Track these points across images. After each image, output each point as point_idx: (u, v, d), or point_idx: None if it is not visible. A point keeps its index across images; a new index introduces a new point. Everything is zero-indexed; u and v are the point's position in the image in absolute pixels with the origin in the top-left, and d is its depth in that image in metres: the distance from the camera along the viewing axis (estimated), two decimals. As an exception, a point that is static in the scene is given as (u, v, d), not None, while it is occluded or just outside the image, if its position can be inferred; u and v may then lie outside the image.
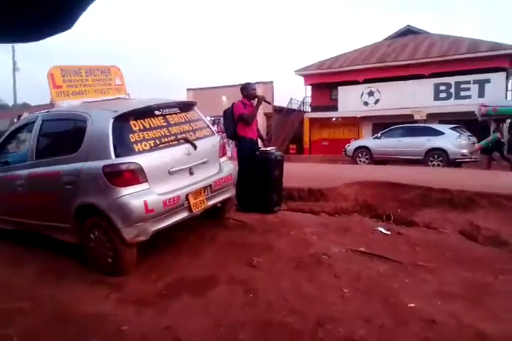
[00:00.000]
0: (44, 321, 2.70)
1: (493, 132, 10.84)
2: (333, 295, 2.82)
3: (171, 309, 2.78)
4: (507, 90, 18.27)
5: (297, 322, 2.51)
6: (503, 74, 17.56)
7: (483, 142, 11.08)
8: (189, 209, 3.63)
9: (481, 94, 17.43)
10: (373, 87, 19.97)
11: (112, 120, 3.36)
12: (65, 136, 3.98)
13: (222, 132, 5.31)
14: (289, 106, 23.08)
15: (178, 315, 2.68)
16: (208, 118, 16.24)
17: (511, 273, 3.11)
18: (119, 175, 3.25)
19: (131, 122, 3.45)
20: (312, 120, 22.25)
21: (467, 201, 5.04)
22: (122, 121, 3.41)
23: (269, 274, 3.18)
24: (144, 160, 3.34)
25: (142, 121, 3.52)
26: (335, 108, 21.11)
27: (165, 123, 3.72)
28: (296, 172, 7.13)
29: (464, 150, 11.39)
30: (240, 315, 2.63)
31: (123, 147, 3.34)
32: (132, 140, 3.38)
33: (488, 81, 17.39)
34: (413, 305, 2.62)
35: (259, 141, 5.23)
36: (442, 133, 11.75)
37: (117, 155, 3.29)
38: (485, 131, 17.27)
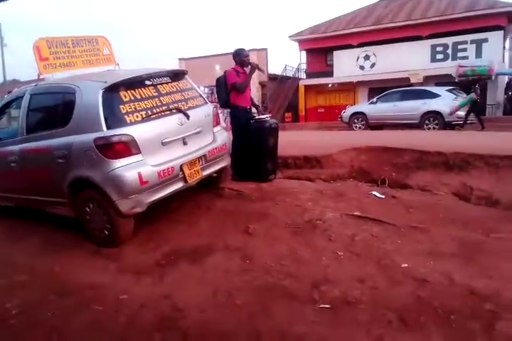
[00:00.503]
0: (43, 293, 2.75)
1: (470, 93, 10.67)
2: (328, 258, 2.88)
3: (169, 278, 2.84)
4: (504, 50, 17.92)
5: (293, 285, 2.57)
6: (501, 33, 17.16)
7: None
8: (184, 179, 3.63)
9: (479, 55, 17.11)
10: (369, 50, 19.52)
11: (101, 91, 3.29)
12: (54, 109, 3.90)
13: (217, 102, 5.21)
14: (284, 74, 22.62)
15: (176, 284, 2.74)
16: (202, 88, 15.98)
17: (502, 232, 3.17)
18: (112, 148, 3.22)
19: (122, 93, 3.38)
20: (307, 87, 21.89)
21: (461, 163, 5.05)
22: (112, 92, 3.34)
23: (265, 240, 3.23)
24: (136, 131, 3.29)
25: (133, 91, 3.45)
26: (331, 74, 20.73)
27: (156, 93, 3.64)
28: (292, 141, 7.10)
29: (460, 113, 11.29)
30: (236, 280, 2.69)
31: (114, 119, 3.29)
32: (123, 111, 3.32)
33: (485, 40, 17.01)
34: (406, 265, 2.68)
35: (253, 109, 5.15)
36: (438, 96, 11.60)
37: (108, 127, 3.24)
38: (483, 91, 17.09)
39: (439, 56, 17.80)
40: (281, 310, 2.32)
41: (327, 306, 2.32)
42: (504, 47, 18.32)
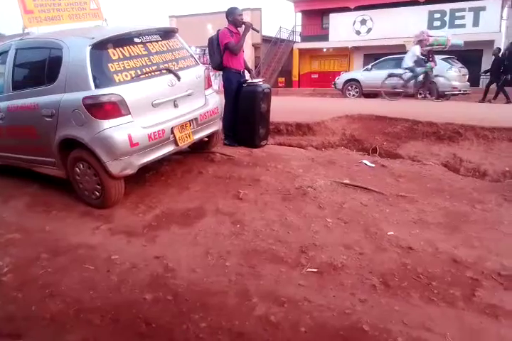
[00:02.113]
0: (35, 252, 2.77)
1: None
2: (317, 224, 2.94)
3: (160, 239, 2.88)
4: (501, 19, 17.56)
5: (282, 250, 2.63)
6: (499, 1, 16.73)
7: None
8: (175, 143, 3.58)
9: (476, 23, 16.81)
10: (366, 14, 18.92)
11: (89, 47, 3.16)
12: (40, 65, 3.72)
13: (209, 64, 5.04)
14: (278, 36, 21.88)
15: (167, 245, 2.78)
16: (194, 48, 15.42)
17: (488, 203, 3.24)
18: (101, 107, 3.13)
19: (110, 50, 3.25)
20: (302, 51, 21.34)
21: (452, 133, 5.07)
22: (100, 49, 3.20)
23: (256, 206, 3.26)
24: (126, 91, 3.20)
25: (121, 49, 3.31)
26: (326, 37, 20.16)
27: (146, 52, 3.50)
28: (284, 106, 7.01)
29: (455, 83, 11.16)
30: (227, 244, 2.74)
31: (102, 77, 3.18)
32: (112, 70, 3.20)
33: (483, 9, 16.65)
34: (392, 233, 2.75)
35: (246, 72, 5.01)
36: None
37: (97, 86, 3.14)
38: (478, 61, 16.92)
39: (436, 23, 17.38)
40: (269, 273, 2.39)
41: (314, 270, 2.40)
42: (501, 17, 17.92)
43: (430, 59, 10.49)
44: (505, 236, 2.70)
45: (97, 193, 3.40)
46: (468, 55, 13.61)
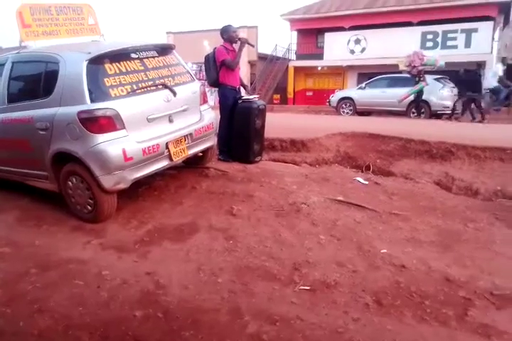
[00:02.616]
0: (24, 266, 2.72)
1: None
2: (310, 241, 2.93)
3: (152, 255, 2.84)
4: (493, 40, 18.04)
5: (275, 267, 2.61)
6: (491, 23, 17.23)
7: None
8: (169, 157, 3.59)
9: (468, 44, 17.23)
10: (360, 34, 19.35)
11: (85, 62, 3.19)
12: (36, 79, 3.75)
13: (206, 80, 5.10)
14: (274, 54, 22.24)
15: (159, 261, 2.75)
16: (190, 64, 15.58)
17: (480, 222, 3.26)
18: (96, 122, 3.14)
19: (106, 65, 3.28)
20: (297, 69, 21.66)
21: (445, 152, 5.13)
22: (96, 63, 3.24)
23: (249, 222, 3.25)
24: (121, 106, 3.21)
25: (118, 64, 3.35)
26: (321, 56, 20.51)
27: (142, 67, 3.54)
28: (279, 123, 7.07)
29: (447, 102, 11.36)
30: (219, 260, 2.72)
31: (98, 92, 3.20)
32: (108, 84, 3.23)
33: (475, 30, 17.09)
34: (385, 251, 2.75)
35: (241, 89, 5.07)
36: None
37: (92, 101, 3.16)
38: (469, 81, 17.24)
39: (429, 44, 17.79)
40: (262, 290, 2.37)
41: (307, 288, 2.38)
42: (493, 38, 18.42)
43: (421, 79, 10.71)
44: (497, 255, 2.71)
45: (89, 207, 3.38)
46: (461, 75, 13.87)
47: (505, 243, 2.88)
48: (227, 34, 4.71)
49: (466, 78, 10.73)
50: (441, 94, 11.36)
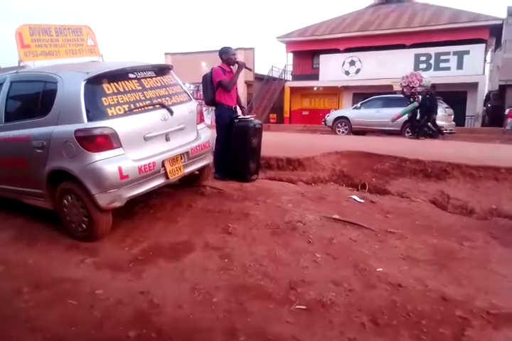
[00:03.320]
0: (17, 285, 2.68)
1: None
2: (306, 260, 2.91)
3: (146, 274, 2.81)
4: (485, 62, 18.49)
5: (270, 286, 2.59)
6: (483, 46, 17.73)
7: (402, 111, 11.16)
8: (165, 176, 3.60)
9: (460, 66, 17.65)
10: (355, 56, 19.83)
11: (83, 82, 3.24)
12: (34, 98, 3.79)
13: (203, 99, 5.18)
14: (270, 74, 22.67)
15: (153, 280, 2.71)
16: (188, 84, 15.83)
17: (476, 241, 3.26)
18: (92, 140, 3.16)
19: (104, 85, 3.33)
20: (293, 89, 22.05)
21: (439, 171, 5.18)
22: (95, 83, 3.29)
23: (245, 240, 3.23)
24: (118, 124, 3.25)
25: (116, 84, 3.40)
26: (316, 77, 20.94)
27: (140, 87, 3.59)
28: (276, 142, 7.13)
29: (441, 122, 11.53)
30: (215, 279, 2.69)
31: (95, 111, 3.23)
32: (105, 103, 3.27)
33: (467, 52, 17.56)
34: (381, 269, 2.73)
35: (238, 109, 5.15)
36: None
37: (90, 119, 3.19)
38: (463, 102, 17.59)
39: (422, 65, 18.22)
40: (257, 310, 2.33)
41: (303, 307, 2.35)
42: (485, 60, 18.90)
43: (416, 99, 10.91)
44: (493, 274, 2.70)
45: (84, 226, 3.36)
46: (453, 96, 14.17)
47: (500, 261, 2.88)
48: (226, 55, 4.82)
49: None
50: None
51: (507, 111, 15.16)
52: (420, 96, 10.90)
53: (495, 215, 4.18)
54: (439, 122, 11.46)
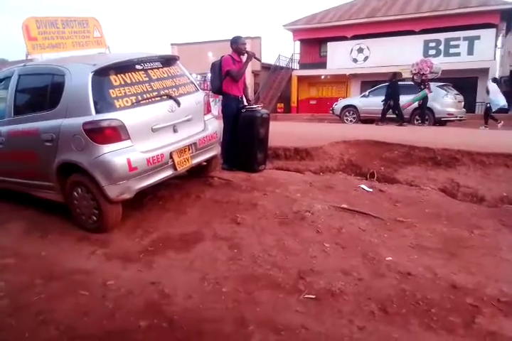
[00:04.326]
0: (30, 277, 2.74)
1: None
2: (315, 249, 2.91)
3: (157, 265, 2.84)
4: (496, 47, 18.07)
5: (280, 275, 2.60)
6: (493, 30, 17.31)
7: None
8: (174, 167, 3.61)
9: (470, 52, 17.28)
10: (363, 43, 19.51)
11: (91, 74, 3.24)
12: (42, 91, 3.82)
13: (209, 90, 5.17)
14: (277, 64, 22.44)
15: (164, 271, 2.75)
16: (194, 75, 15.77)
17: (486, 228, 3.24)
18: (101, 132, 3.18)
19: (112, 77, 3.33)
20: (300, 78, 21.82)
21: (449, 159, 5.12)
22: (102, 75, 3.29)
23: (254, 230, 3.25)
24: (126, 116, 3.25)
25: (123, 75, 3.40)
26: (324, 65, 20.68)
27: (146, 78, 3.59)
28: (283, 131, 7.09)
29: (451, 109, 11.35)
30: (224, 269, 2.71)
31: (103, 103, 3.25)
32: (113, 95, 3.27)
33: (477, 38, 17.16)
34: (391, 258, 2.73)
35: (244, 98, 5.11)
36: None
37: (98, 112, 3.20)
38: (473, 88, 17.27)
39: (432, 52, 17.87)
40: (266, 299, 2.35)
41: (312, 296, 2.36)
42: (496, 45, 18.48)
43: (427, 86, 10.74)
44: (504, 261, 2.69)
45: (94, 218, 3.40)
46: (463, 83, 13.91)
47: (511, 249, 2.86)
48: (236, 45, 4.78)
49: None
50: (445, 101, 11.37)
51: None
52: (431, 84, 10.73)
53: (505, 203, 4.13)
54: (449, 109, 11.30)
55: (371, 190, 4.25)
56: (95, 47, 9.85)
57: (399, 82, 11.44)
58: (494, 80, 11.53)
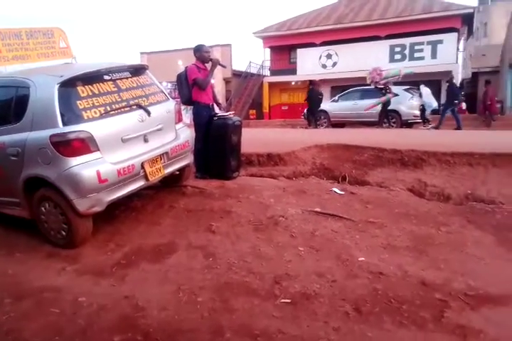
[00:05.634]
0: (-3, 296, 2.65)
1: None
2: (290, 254, 2.94)
3: (130, 278, 2.79)
4: (458, 51, 18.83)
5: (255, 282, 2.61)
6: (455, 34, 18.06)
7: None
8: (145, 177, 3.57)
9: (434, 55, 17.94)
10: (331, 49, 19.95)
11: (57, 86, 3.18)
12: (7, 104, 3.70)
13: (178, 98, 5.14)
14: (248, 70, 22.62)
15: (137, 284, 2.71)
16: (165, 83, 15.61)
17: (452, 225, 3.36)
18: (68, 145, 3.12)
19: (79, 88, 3.28)
20: (272, 84, 22.06)
21: (416, 160, 5.29)
22: (69, 86, 3.24)
23: (228, 238, 3.25)
24: (94, 128, 3.21)
25: (90, 86, 3.36)
26: (294, 71, 21.00)
27: (115, 89, 3.56)
28: (256, 138, 7.15)
29: (416, 112, 11.74)
30: (199, 278, 2.70)
31: (71, 115, 3.19)
32: (80, 107, 3.23)
33: (440, 42, 17.86)
34: (363, 259, 2.79)
35: (215, 106, 5.13)
36: (396, 95, 11.99)
37: (65, 124, 3.15)
38: (437, 91, 17.89)
39: (397, 56, 18.49)
40: (243, 306, 2.36)
41: (287, 301, 2.38)
42: (458, 49, 19.26)
43: (388, 90, 11.14)
44: (470, 257, 2.80)
45: (64, 233, 3.31)
46: (428, 85, 14.39)
47: (476, 244, 2.98)
48: (200, 53, 4.79)
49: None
50: (411, 103, 11.75)
51: None
52: (392, 88, 11.16)
53: (470, 200, 4.30)
54: (415, 111, 11.70)
55: (343, 192, 4.33)
56: (61, 57, 9.67)
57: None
58: (449, 81, 12.03)
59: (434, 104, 11.88)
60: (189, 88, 4.78)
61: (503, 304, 2.25)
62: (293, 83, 21.87)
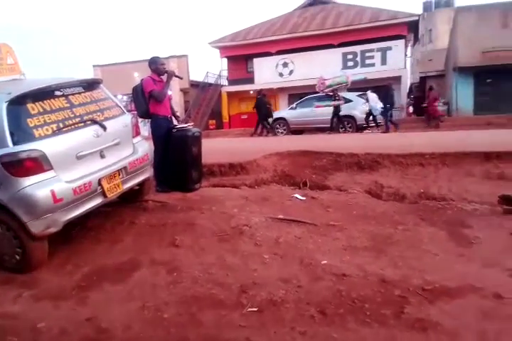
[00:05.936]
0: None
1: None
2: (255, 262, 2.96)
3: (91, 300, 2.70)
4: (406, 56, 19.83)
5: (222, 293, 2.60)
6: (403, 41, 19.02)
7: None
8: (103, 194, 3.49)
9: (384, 62, 18.78)
10: (287, 58, 20.42)
11: (5, 104, 3.06)
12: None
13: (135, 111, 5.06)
14: (206, 81, 22.67)
15: (100, 305, 2.62)
16: (120, 96, 15.28)
17: (407, 224, 3.52)
18: (20, 165, 3.00)
19: (29, 105, 3.17)
20: (230, 94, 22.20)
21: (372, 162, 5.51)
22: (18, 104, 3.12)
23: (193, 251, 3.22)
24: (47, 146, 3.11)
25: (41, 103, 3.25)
26: (252, 80, 21.27)
27: (68, 105, 3.46)
28: (217, 148, 7.17)
29: (363, 116, 12.24)
30: (164, 294, 2.65)
31: (21, 133, 3.07)
32: (31, 125, 3.11)
33: (389, 48, 18.75)
34: (326, 262, 2.86)
35: (173, 118, 5.10)
36: (350, 101, 12.44)
37: (15, 143, 3.02)
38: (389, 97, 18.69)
39: (350, 63, 19.21)
40: (210, 318, 2.34)
41: (254, 309, 2.39)
42: (406, 55, 20.28)
43: (337, 97, 11.63)
44: (425, 252, 2.93)
45: (18, 257, 3.15)
46: (379, 91, 15.04)
47: (430, 240, 3.13)
48: (155, 65, 4.77)
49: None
50: (364, 108, 12.22)
51: None
52: (345, 94, 11.71)
53: (423, 198, 4.52)
54: (363, 116, 12.20)
55: (304, 198, 4.43)
56: (9, 74, 9.30)
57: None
58: (387, 87, 12.62)
59: (380, 109, 12.39)
60: (146, 101, 4.73)
61: (459, 296, 2.37)
62: (251, 92, 22.06)
